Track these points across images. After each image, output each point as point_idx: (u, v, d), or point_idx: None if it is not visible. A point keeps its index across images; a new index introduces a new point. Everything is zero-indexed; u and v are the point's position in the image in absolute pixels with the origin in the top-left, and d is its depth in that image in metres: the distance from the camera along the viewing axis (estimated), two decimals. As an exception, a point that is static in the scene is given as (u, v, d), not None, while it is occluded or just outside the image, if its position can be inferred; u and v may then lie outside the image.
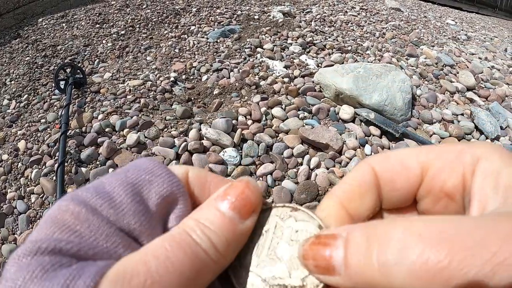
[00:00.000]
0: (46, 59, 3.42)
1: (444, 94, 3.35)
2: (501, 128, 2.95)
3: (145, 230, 0.25)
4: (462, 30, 6.94)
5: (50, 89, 3.00)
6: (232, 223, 0.25)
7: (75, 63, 3.23)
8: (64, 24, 4.05)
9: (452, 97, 3.38)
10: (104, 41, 3.72)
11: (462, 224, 0.18)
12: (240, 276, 0.27)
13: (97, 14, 4.24)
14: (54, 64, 3.31)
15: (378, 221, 0.23)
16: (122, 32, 3.91)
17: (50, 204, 1.99)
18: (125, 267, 0.21)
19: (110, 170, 2.12)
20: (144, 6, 4.56)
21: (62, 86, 2.82)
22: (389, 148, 2.35)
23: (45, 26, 4.08)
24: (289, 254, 0.27)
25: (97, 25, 4.01)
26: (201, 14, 4.40)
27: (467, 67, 4.21)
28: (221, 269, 0.26)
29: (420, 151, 0.26)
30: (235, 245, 0.26)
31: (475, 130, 2.80)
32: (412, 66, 3.70)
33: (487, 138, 2.73)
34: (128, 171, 0.27)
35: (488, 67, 4.50)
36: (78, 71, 3.00)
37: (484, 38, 7.10)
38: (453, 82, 3.63)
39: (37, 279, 0.19)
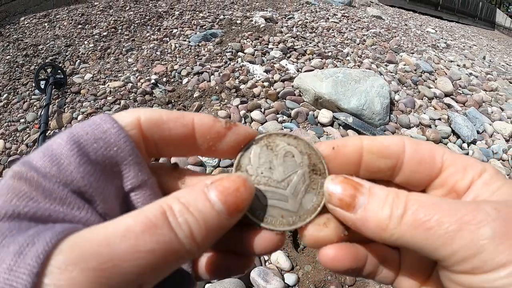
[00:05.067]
0: (27, 58, 3.39)
1: (422, 99, 3.41)
2: (478, 132, 3.02)
3: (95, 191, 0.25)
4: (442, 38, 7.09)
5: (30, 89, 2.98)
6: (219, 216, 0.25)
7: (56, 63, 3.21)
8: (46, 24, 4.01)
9: (430, 102, 3.44)
10: (86, 42, 3.71)
11: (446, 202, 0.26)
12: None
13: (79, 15, 4.21)
14: (35, 64, 3.28)
15: (392, 187, 0.29)
16: (104, 33, 3.89)
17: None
18: (85, 242, 0.20)
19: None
20: (127, 8, 4.54)
21: (42, 86, 2.79)
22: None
23: (27, 25, 4.04)
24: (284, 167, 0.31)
25: (79, 26, 3.98)
26: (183, 18, 4.41)
27: (446, 74, 4.30)
28: (194, 257, 0.26)
29: (446, 151, 0.30)
30: (213, 238, 0.25)
31: (452, 134, 2.85)
32: (391, 72, 3.76)
33: (463, 142, 2.79)
34: (76, 128, 0.27)
35: (466, 74, 4.61)
36: (59, 71, 2.99)
37: (463, 46, 7.27)
38: (431, 88, 3.71)
39: None
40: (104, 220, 0.25)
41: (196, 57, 3.45)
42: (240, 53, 3.52)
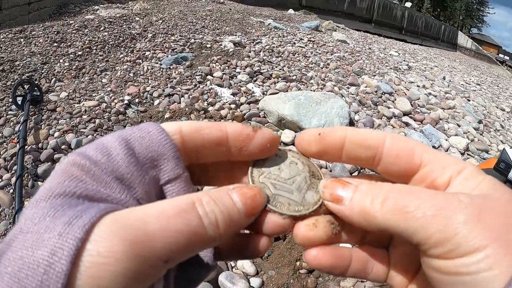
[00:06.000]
0: (4, 73, 3.31)
1: (381, 119, 3.63)
2: (434, 147, 3.24)
3: (136, 179, 0.29)
4: (404, 60, 7.41)
5: (6, 104, 2.91)
6: (238, 214, 0.28)
7: (33, 80, 3.20)
8: (22, 40, 3.87)
9: (389, 121, 3.67)
10: (61, 60, 3.70)
11: (424, 190, 0.29)
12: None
13: (55, 32, 4.15)
14: (11, 80, 3.24)
15: (376, 182, 0.32)
16: (79, 52, 3.89)
17: (7, 216, 2.02)
18: (124, 219, 0.23)
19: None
20: (101, 28, 4.56)
21: (19, 102, 2.79)
22: (326, 168, 2.56)
23: (2, 39, 3.85)
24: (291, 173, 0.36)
25: (55, 44, 3.95)
26: (156, 40, 4.49)
27: (405, 94, 4.56)
28: (213, 245, 0.29)
29: (427, 150, 0.32)
30: (232, 231, 0.28)
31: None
32: (352, 94, 3.98)
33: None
34: (126, 130, 0.31)
35: (425, 94, 4.89)
36: (36, 88, 2.98)
37: (425, 67, 7.59)
38: (391, 108, 3.95)
39: (49, 218, 0.23)
40: (140, 205, 0.27)
41: (167, 79, 3.55)
42: (209, 77, 3.65)
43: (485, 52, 24.50)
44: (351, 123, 3.23)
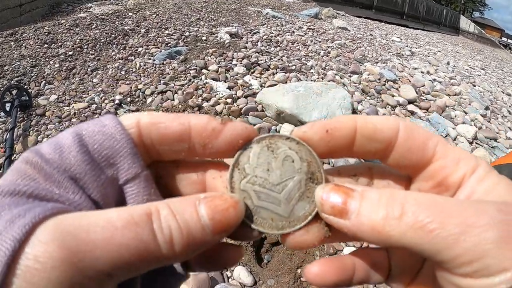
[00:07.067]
0: None
1: (385, 108, 3.48)
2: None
3: (90, 179, 0.27)
4: (407, 46, 7.26)
5: None
6: (203, 231, 0.25)
7: (21, 85, 3.14)
8: (12, 43, 3.87)
9: (393, 110, 3.51)
10: (51, 62, 3.63)
11: (448, 201, 0.25)
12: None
13: (46, 33, 4.09)
14: (0, 85, 3.21)
15: (387, 189, 0.29)
16: (70, 52, 3.82)
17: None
18: (67, 224, 0.22)
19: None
20: (93, 26, 4.46)
21: (7, 109, 2.73)
22: (328, 164, 2.42)
23: None
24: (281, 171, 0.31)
25: (45, 45, 3.87)
26: (149, 35, 4.39)
27: (409, 81, 4.40)
28: (170, 263, 0.26)
29: (440, 141, 0.29)
30: (193, 250, 0.25)
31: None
32: (354, 83, 3.83)
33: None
34: (82, 124, 0.29)
35: (430, 80, 4.73)
36: (24, 93, 2.93)
37: (428, 53, 7.46)
38: (395, 96, 3.79)
39: None
40: (97, 207, 0.27)
41: (160, 75, 3.44)
42: (204, 70, 3.53)
43: (488, 35, 24.29)
44: (354, 114, 3.08)
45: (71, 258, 0.21)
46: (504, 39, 35.92)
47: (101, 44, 4.08)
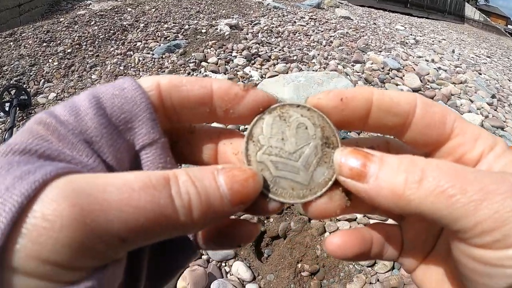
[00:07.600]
0: None
1: (389, 97, 3.41)
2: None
3: (107, 143, 0.26)
4: (411, 34, 7.17)
5: None
6: (221, 201, 0.24)
7: (20, 84, 3.14)
8: (11, 43, 3.89)
9: (398, 100, 3.44)
10: (50, 60, 3.63)
11: (468, 169, 0.24)
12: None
13: (45, 32, 4.10)
14: None
15: (407, 154, 0.27)
16: (69, 50, 3.81)
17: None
18: (81, 182, 0.21)
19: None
20: (92, 23, 4.45)
21: (6, 108, 2.73)
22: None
23: None
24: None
25: (44, 44, 3.88)
26: (148, 30, 4.35)
27: (414, 69, 4.32)
28: (187, 233, 0.26)
29: (458, 118, 0.29)
30: (210, 220, 0.25)
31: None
32: (358, 72, 3.77)
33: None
34: (100, 86, 0.28)
35: (435, 68, 4.64)
36: (23, 92, 2.93)
37: (433, 41, 7.36)
38: (399, 85, 3.73)
39: (4, 172, 0.21)
40: (111, 172, 0.26)
41: (159, 69, 3.41)
42: (203, 63, 3.50)
43: (493, 23, 24.03)
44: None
45: (83, 218, 0.19)
46: (510, 26, 35.53)
47: (100, 40, 4.07)
